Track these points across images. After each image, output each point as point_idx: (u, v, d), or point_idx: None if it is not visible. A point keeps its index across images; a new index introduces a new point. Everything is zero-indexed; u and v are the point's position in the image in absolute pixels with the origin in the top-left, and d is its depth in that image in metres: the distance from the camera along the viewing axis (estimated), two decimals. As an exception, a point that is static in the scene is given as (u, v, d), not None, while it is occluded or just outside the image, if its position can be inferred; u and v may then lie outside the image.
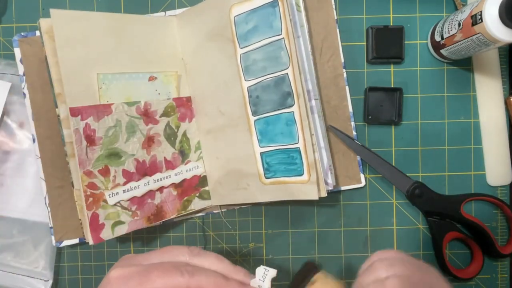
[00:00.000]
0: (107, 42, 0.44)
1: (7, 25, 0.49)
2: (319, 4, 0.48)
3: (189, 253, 0.35)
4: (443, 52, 0.47)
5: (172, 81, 0.48)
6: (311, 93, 0.44)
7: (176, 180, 0.47)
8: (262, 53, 0.43)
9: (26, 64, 0.47)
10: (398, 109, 0.48)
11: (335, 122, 0.48)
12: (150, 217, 0.46)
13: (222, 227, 0.50)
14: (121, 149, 0.44)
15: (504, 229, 0.50)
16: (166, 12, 0.49)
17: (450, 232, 0.48)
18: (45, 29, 0.41)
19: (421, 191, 0.47)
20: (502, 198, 0.49)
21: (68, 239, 0.48)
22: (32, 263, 0.48)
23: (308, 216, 0.50)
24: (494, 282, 0.50)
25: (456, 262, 0.50)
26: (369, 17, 0.49)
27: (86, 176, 0.42)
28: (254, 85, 0.44)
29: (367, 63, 0.49)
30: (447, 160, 0.50)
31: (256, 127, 0.45)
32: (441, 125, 0.50)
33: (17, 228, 0.49)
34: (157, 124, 0.46)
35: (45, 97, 0.47)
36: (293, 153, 0.43)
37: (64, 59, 0.41)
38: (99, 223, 0.42)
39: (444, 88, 0.49)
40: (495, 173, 0.49)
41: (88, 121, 0.42)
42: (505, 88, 0.49)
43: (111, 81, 0.44)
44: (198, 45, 0.47)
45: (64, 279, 0.50)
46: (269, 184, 0.45)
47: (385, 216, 0.50)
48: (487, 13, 0.38)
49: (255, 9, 0.43)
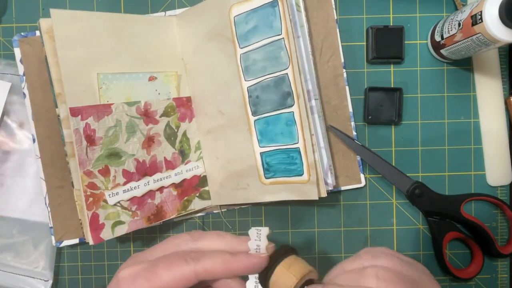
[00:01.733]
0: (107, 42, 0.44)
1: (7, 25, 0.49)
2: (319, 4, 0.48)
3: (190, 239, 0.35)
4: (443, 52, 0.47)
5: (172, 81, 0.48)
6: (311, 93, 0.44)
7: (176, 180, 0.47)
8: (262, 53, 0.43)
9: (26, 64, 0.47)
10: (398, 109, 0.48)
11: (335, 122, 0.48)
12: (150, 217, 0.46)
13: (222, 227, 0.50)
14: (121, 149, 0.44)
15: (504, 229, 0.50)
16: (166, 12, 0.49)
17: (450, 232, 0.48)
18: (45, 29, 0.41)
19: (421, 191, 0.47)
20: (502, 198, 0.49)
21: (68, 239, 0.48)
22: (32, 263, 0.48)
23: (308, 216, 0.50)
24: (494, 282, 0.50)
25: (456, 262, 0.50)
26: (369, 17, 0.49)
27: (86, 176, 0.42)
28: (254, 85, 0.44)
29: (367, 63, 0.49)
30: (447, 160, 0.50)
31: (256, 127, 0.45)
32: (441, 125, 0.50)
33: (17, 228, 0.49)
34: (157, 124, 0.46)
35: (45, 97, 0.47)
36: (293, 153, 0.43)
37: (64, 59, 0.41)
38: (99, 223, 0.42)
39: (444, 88, 0.49)
40: (495, 173, 0.49)
41: (88, 121, 0.42)
42: (505, 88, 0.49)
43: (111, 81, 0.44)
44: (198, 45, 0.47)
45: (64, 279, 0.50)
46: (269, 184, 0.45)
47: (385, 216, 0.50)
48: (487, 13, 0.38)
49: (255, 9, 0.43)
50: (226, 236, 0.35)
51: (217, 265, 0.32)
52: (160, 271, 0.32)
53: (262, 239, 0.33)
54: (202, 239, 0.35)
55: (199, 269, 0.32)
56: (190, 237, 0.35)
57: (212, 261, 0.32)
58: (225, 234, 0.35)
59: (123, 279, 0.33)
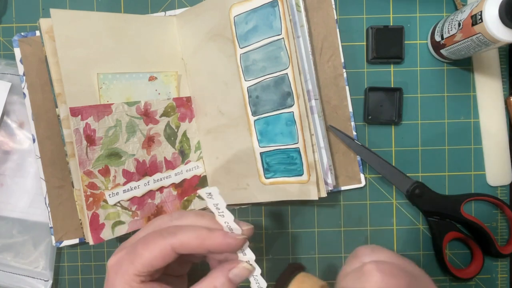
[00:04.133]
0: (107, 42, 0.44)
1: (7, 25, 0.49)
2: (319, 4, 0.48)
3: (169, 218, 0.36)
4: (443, 52, 0.47)
5: (172, 81, 0.48)
6: (311, 93, 0.44)
7: (176, 180, 0.48)
8: (262, 53, 0.43)
9: (26, 64, 0.47)
10: (398, 109, 0.48)
11: (335, 122, 0.48)
12: (150, 217, 0.46)
13: (222, 227, 0.50)
14: (121, 149, 0.44)
15: (504, 229, 0.50)
16: (166, 12, 0.49)
17: (450, 232, 0.48)
18: (45, 29, 0.41)
19: (421, 191, 0.47)
20: (502, 198, 0.49)
21: (68, 239, 0.48)
22: (32, 263, 0.48)
23: (308, 216, 0.50)
24: (494, 282, 0.50)
25: (456, 262, 0.50)
26: (369, 17, 0.49)
27: (86, 176, 0.42)
28: (254, 85, 0.44)
29: (367, 63, 0.49)
30: (447, 160, 0.50)
31: (256, 127, 0.45)
32: (441, 125, 0.50)
33: (17, 228, 0.49)
34: (157, 124, 0.46)
35: (45, 97, 0.47)
36: (293, 153, 0.43)
37: (64, 59, 0.41)
38: (99, 223, 0.42)
39: (444, 88, 0.49)
40: (495, 173, 0.49)
41: (88, 121, 0.42)
42: (505, 88, 0.49)
43: (111, 81, 0.44)
44: (198, 45, 0.47)
45: (64, 279, 0.50)
46: (269, 184, 0.45)
47: (385, 216, 0.50)
48: (487, 13, 0.38)
49: (255, 9, 0.43)
50: (205, 215, 0.35)
51: (192, 239, 0.32)
52: (140, 251, 0.33)
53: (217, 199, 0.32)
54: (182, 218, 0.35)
55: (176, 243, 0.32)
56: (169, 217, 0.36)
57: (188, 235, 0.33)
58: (204, 214, 0.35)
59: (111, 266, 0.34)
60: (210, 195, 0.32)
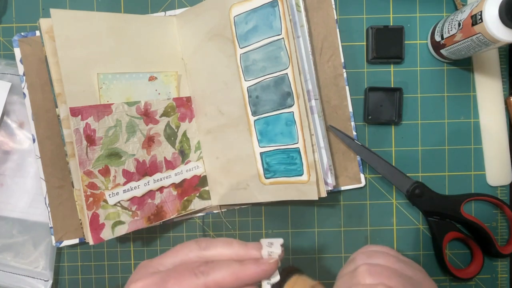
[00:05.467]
0: (107, 42, 0.44)
1: (7, 25, 0.49)
2: (319, 4, 0.48)
3: (197, 248, 0.35)
4: (443, 52, 0.47)
5: (172, 81, 0.48)
6: (311, 93, 0.44)
7: (176, 180, 0.48)
8: (262, 53, 0.43)
9: (26, 64, 0.47)
10: (398, 109, 0.48)
11: (335, 122, 0.48)
12: (150, 217, 0.46)
13: (222, 227, 0.50)
14: (121, 149, 0.44)
15: (504, 229, 0.50)
16: (166, 12, 0.49)
17: (450, 232, 0.48)
18: (45, 29, 0.41)
19: (421, 191, 0.47)
20: (502, 198, 0.49)
21: (68, 239, 0.48)
22: (32, 263, 0.48)
23: (308, 216, 0.50)
24: (494, 282, 0.50)
25: (456, 262, 0.50)
26: (369, 17, 0.49)
27: (86, 176, 0.42)
28: (254, 85, 0.44)
29: (367, 63, 0.49)
30: (447, 160, 0.50)
31: (256, 127, 0.45)
32: (441, 125, 0.50)
33: (17, 228, 0.49)
34: (157, 124, 0.46)
35: (45, 97, 0.47)
36: (292, 153, 0.43)
37: (64, 59, 0.41)
38: (99, 223, 0.42)
39: (444, 88, 0.49)
40: (495, 173, 0.49)
41: (88, 121, 0.42)
42: (505, 88, 0.49)
43: (111, 81, 0.44)
44: (198, 45, 0.47)
45: (64, 279, 0.50)
46: (269, 184, 0.45)
47: (385, 216, 0.50)
48: (487, 13, 0.38)
49: (255, 9, 0.43)
50: (233, 243, 0.35)
51: (227, 277, 0.32)
52: (170, 286, 0.32)
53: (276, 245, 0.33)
54: (210, 247, 0.34)
55: (210, 283, 0.32)
56: (197, 246, 0.35)
57: (222, 273, 0.32)
58: (232, 241, 0.35)
59: None
60: (271, 244, 0.32)
